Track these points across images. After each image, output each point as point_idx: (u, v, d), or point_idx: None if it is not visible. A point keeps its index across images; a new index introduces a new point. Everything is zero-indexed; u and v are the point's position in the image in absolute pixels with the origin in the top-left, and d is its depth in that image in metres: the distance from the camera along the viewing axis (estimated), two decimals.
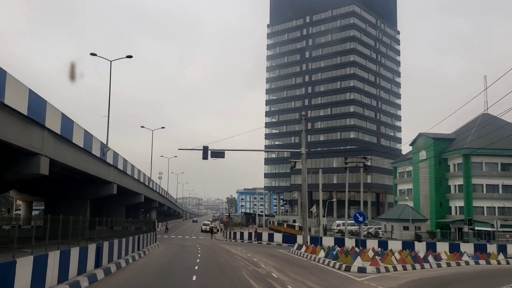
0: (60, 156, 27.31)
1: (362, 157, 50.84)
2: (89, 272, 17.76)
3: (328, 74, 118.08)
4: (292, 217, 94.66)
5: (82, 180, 40.54)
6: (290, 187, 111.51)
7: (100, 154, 35.95)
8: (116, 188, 42.61)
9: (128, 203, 61.21)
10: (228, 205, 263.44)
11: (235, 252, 34.17)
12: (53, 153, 25.77)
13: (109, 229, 29.77)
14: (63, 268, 15.63)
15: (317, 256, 28.76)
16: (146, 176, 63.42)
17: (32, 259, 13.37)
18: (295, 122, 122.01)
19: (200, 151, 35.57)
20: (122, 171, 45.02)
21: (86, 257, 18.40)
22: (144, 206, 76.16)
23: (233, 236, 57.21)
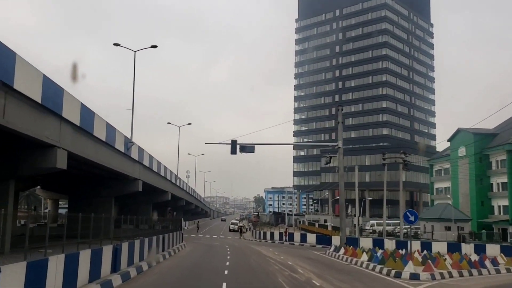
0: (80, 150, 25.37)
1: (402, 152, 47.50)
2: (103, 278, 15.50)
3: (359, 68, 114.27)
4: (323, 217, 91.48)
5: (106, 177, 38.81)
6: (320, 185, 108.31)
7: (124, 149, 34.03)
8: (141, 185, 40.75)
9: (154, 201, 59.57)
10: (256, 204, 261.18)
11: (267, 254, 31.69)
12: (72, 145, 23.81)
13: (135, 228, 27.95)
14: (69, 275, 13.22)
15: (359, 260, 25.97)
16: (173, 174, 61.63)
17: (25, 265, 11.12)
18: (325, 119, 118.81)
19: (228, 146, 33.12)
20: (147, 168, 43.14)
21: (100, 260, 16.14)
22: (171, 204, 74.55)
23: (262, 236, 54.74)
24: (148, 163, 42.87)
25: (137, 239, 22.47)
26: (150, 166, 44.35)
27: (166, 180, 55.41)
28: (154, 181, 47.77)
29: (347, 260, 27.73)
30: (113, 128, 30.43)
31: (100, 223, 19.07)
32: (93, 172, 37.80)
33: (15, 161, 21.85)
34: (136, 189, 40.19)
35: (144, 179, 41.48)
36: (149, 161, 43.35)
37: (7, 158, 21.72)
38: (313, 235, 47.96)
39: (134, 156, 37.40)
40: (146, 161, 42.08)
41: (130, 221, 25.66)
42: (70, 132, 23.48)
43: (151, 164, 44.69)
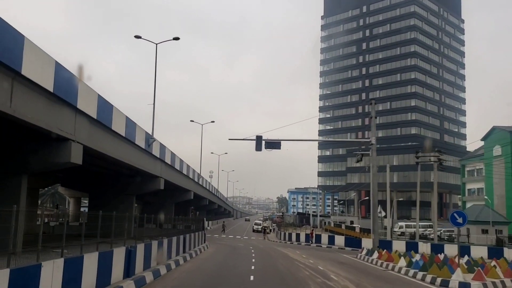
0: (97, 144, 23.88)
1: (437, 150, 44.87)
2: (114, 285, 13.77)
3: (387, 66, 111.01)
4: (349, 218, 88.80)
5: (127, 174, 37.46)
6: (346, 186, 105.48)
7: (144, 146, 32.53)
8: (163, 183, 39.29)
9: (177, 200, 58.29)
10: (279, 205, 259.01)
11: (294, 257, 29.70)
12: (88, 140, 22.33)
13: (158, 228, 26.52)
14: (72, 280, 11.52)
15: (396, 265, 23.73)
16: (196, 173, 60.17)
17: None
18: (351, 118, 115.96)
19: (251, 144, 30.86)
20: (169, 165, 41.66)
21: (111, 264, 14.42)
22: (194, 203, 73.19)
23: (288, 237, 52.68)
24: (170, 161, 41.40)
25: (154, 240, 20.80)
26: (172, 164, 42.89)
27: (188, 178, 53.96)
28: (176, 180, 46.32)
29: (382, 265, 25.50)
30: (133, 123, 28.95)
31: (121, 222, 17.46)
32: (113, 170, 36.53)
33: (27, 155, 20.40)
34: (157, 188, 38.78)
35: (165, 177, 40.02)
36: (171, 159, 41.89)
37: (17, 151, 20.32)
38: (342, 237, 45.65)
39: (156, 153, 35.94)
40: (168, 159, 40.61)
41: (154, 221, 24.17)
42: (86, 125, 22.00)
43: (173, 161, 43.23)
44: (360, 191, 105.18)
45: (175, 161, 43.89)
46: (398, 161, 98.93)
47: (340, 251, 39.36)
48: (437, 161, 43.39)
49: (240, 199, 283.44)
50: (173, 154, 42.96)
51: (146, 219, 23.71)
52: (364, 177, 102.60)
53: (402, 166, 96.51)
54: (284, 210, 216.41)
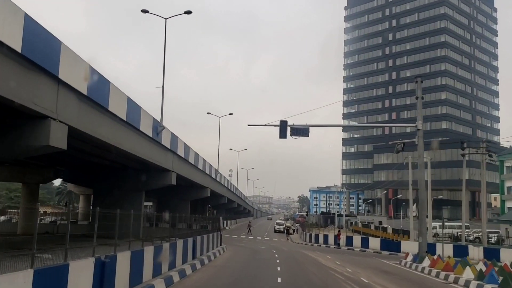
0: (89, 127, 19.64)
1: (484, 141, 39.63)
2: None
3: (415, 57, 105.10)
4: (377, 218, 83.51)
5: (135, 168, 33.37)
6: (374, 184, 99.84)
7: (152, 134, 28.23)
8: (175, 178, 34.98)
9: (193, 198, 54.19)
10: (300, 204, 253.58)
11: (327, 264, 25.00)
12: (77, 120, 18.08)
13: (171, 228, 22.49)
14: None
15: (460, 277, 18.78)
16: (213, 168, 55.88)
17: None
18: (377, 112, 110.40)
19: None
20: (182, 158, 37.34)
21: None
22: (212, 202, 68.96)
23: (314, 239, 47.81)
24: (183, 153, 37.08)
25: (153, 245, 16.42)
26: (186, 157, 38.56)
27: (204, 174, 49.64)
28: (190, 175, 42.02)
29: (439, 275, 20.60)
30: (137, 106, 24.65)
31: (125, 221, 14.46)
32: (119, 163, 32.44)
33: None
34: (169, 183, 34.53)
35: (178, 171, 35.71)
36: (184, 151, 37.56)
37: None
38: (377, 240, 40.53)
39: (166, 144, 31.65)
40: (181, 151, 36.28)
41: (168, 219, 21.67)
42: (73, 102, 17.73)
43: (187, 154, 38.90)
44: (388, 189, 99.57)
45: (189, 154, 39.60)
46: (429, 158, 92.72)
47: (377, 255, 34.44)
48: (486, 153, 38.07)
49: (260, 198, 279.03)
50: (187, 146, 38.66)
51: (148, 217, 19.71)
52: (392, 174, 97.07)
53: (432, 163, 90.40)
54: (305, 209, 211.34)
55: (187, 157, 38.91)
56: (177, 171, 35.42)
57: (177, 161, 35.86)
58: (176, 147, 34.70)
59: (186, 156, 38.49)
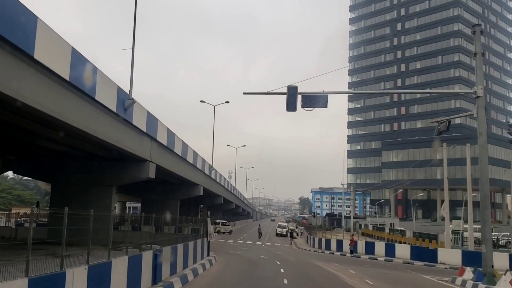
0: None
1: None
2: None
3: (425, 48, 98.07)
4: (388, 220, 76.40)
5: (101, 156, 26.42)
6: (382, 184, 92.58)
7: (117, 109, 21.23)
8: (153, 170, 27.95)
9: (183, 197, 47.29)
10: (301, 206, 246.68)
11: (355, 285, 17.90)
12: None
13: (157, 232, 18.22)
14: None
15: None
16: (207, 163, 48.87)
17: None
18: (385, 107, 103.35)
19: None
20: (164, 147, 30.31)
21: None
22: (207, 202, 61.95)
23: (324, 244, 40.32)
24: (165, 141, 30.02)
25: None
26: (170, 146, 31.50)
27: (196, 169, 42.59)
28: (176, 168, 34.97)
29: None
30: (82, 58, 17.48)
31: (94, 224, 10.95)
32: (80, 149, 25.48)
33: None
34: (145, 176, 27.49)
35: (158, 162, 28.66)
36: (167, 138, 30.51)
37: None
38: (405, 247, 32.87)
39: (140, 125, 24.64)
40: (162, 137, 29.24)
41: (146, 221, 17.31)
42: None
43: (171, 143, 31.82)
44: (397, 189, 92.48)
45: (174, 143, 32.53)
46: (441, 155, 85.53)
47: (410, 267, 27.19)
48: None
49: (260, 200, 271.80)
50: (171, 132, 31.60)
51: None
52: (401, 173, 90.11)
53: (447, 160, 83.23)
54: (306, 211, 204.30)
55: (171, 146, 31.85)
56: (156, 161, 28.37)
57: (157, 149, 28.78)
58: (156, 132, 27.66)
59: (170, 145, 31.45)
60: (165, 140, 29.84)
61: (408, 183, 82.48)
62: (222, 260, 24.89)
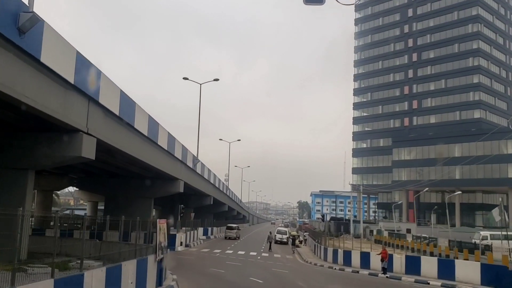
0: None
1: None
2: None
3: (440, 35, 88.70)
4: (404, 225, 66.86)
5: None
6: (393, 185, 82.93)
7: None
8: (93, 148, 18.49)
9: (158, 195, 37.75)
10: (300, 210, 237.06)
11: None
12: None
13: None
14: None
15: None
16: (189, 152, 39.34)
17: None
18: (395, 100, 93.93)
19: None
20: (112, 113, 20.72)
21: None
22: (192, 203, 52.50)
23: (342, 258, 29.25)
24: (115, 106, 20.43)
25: None
26: (126, 116, 21.94)
27: (172, 158, 32.97)
28: (138, 151, 25.32)
29: None
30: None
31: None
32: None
33: None
34: (80, 155, 17.89)
35: (102, 136, 19.08)
36: (120, 103, 20.93)
37: None
38: (473, 266, 21.64)
39: (83, 86, 15.12)
40: (108, 99, 19.64)
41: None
42: None
43: (127, 111, 22.24)
44: (408, 191, 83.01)
45: (133, 113, 22.92)
46: (462, 152, 76.26)
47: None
48: None
49: (257, 204, 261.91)
50: (124, 95, 21.97)
51: None
52: (415, 173, 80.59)
53: (463, 158, 74.11)
54: (305, 216, 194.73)
55: (127, 116, 22.25)
56: (98, 135, 18.73)
57: (100, 116, 19.14)
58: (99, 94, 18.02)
59: (125, 114, 21.84)
60: (114, 105, 20.20)
61: (424, 183, 72.89)
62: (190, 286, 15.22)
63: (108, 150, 21.97)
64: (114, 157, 24.92)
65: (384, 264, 23.57)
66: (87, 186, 39.36)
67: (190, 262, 25.74)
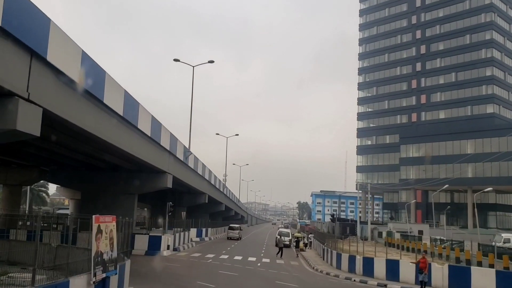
0: None
1: None
2: None
3: (450, 26, 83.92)
4: (416, 227, 61.97)
5: None
6: (401, 184, 78.04)
7: None
8: (37, 121, 13.57)
9: (143, 191, 32.96)
10: (300, 211, 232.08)
11: None
12: None
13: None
14: None
15: None
16: (178, 143, 34.48)
17: None
18: (402, 95, 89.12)
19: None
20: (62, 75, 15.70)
21: None
22: (185, 201, 47.60)
23: (361, 266, 23.58)
24: (78, 74, 15.48)
25: None
26: (92, 89, 17.03)
27: (156, 146, 28.01)
28: (117, 137, 20.44)
29: None
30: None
31: None
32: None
33: None
34: (15, 129, 13.03)
35: (50, 108, 14.19)
36: (82, 65, 16.00)
37: None
38: None
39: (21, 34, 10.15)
40: (70, 69, 14.68)
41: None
42: None
43: (96, 82, 17.34)
44: (416, 190, 78.13)
45: (103, 86, 18.03)
46: (475, 149, 71.41)
47: None
48: None
49: (256, 205, 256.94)
50: (93, 61, 17.12)
51: None
52: (424, 171, 75.66)
53: (481, 155, 69.27)
54: (305, 216, 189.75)
55: (99, 94, 17.31)
56: (40, 103, 13.82)
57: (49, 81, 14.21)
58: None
59: (91, 87, 16.91)
60: (70, 67, 15.27)
61: (435, 182, 68.08)
62: None
63: (67, 129, 17.13)
64: (79, 140, 20.06)
65: (423, 277, 18.45)
66: (61, 180, 34.10)
67: (173, 271, 20.87)
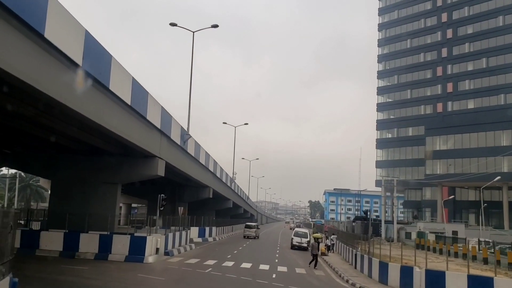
0: None
1: None
2: None
3: (480, 7, 76.72)
4: (450, 227, 55.11)
5: None
6: (431, 178, 70.83)
7: None
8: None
9: (128, 180, 26.64)
10: (312, 210, 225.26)
11: None
12: None
13: None
14: None
15: None
16: (173, 120, 28.07)
17: None
18: (426, 83, 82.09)
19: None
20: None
21: None
22: (186, 196, 41.36)
23: (422, 281, 15.50)
24: None
25: None
26: None
27: (142, 121, 21.61)
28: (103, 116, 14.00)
29: None
30: None
31: None
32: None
33: None
34: None
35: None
36: None
37: None
38: None
39: None
40: None
41: None
42: None
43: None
44: (442, 187, 71.07)
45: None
46: (510, 141, 64.26)
47: None
48: None
49: (266, 204, 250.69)
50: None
51: None
52: (453, 165, 68.61)
53: (500, 148, 62.50)
54: (317, 216, 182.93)
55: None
56: None
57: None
58: None
59: None
60: None
61: (466, 177, 61.17)
62: None
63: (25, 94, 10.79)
64: (39, 109, 13.70)
65: None
66: (26, 166, 28.09)
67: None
